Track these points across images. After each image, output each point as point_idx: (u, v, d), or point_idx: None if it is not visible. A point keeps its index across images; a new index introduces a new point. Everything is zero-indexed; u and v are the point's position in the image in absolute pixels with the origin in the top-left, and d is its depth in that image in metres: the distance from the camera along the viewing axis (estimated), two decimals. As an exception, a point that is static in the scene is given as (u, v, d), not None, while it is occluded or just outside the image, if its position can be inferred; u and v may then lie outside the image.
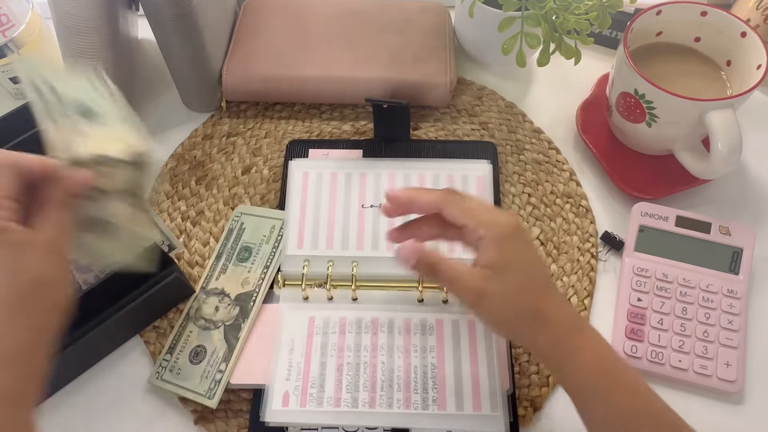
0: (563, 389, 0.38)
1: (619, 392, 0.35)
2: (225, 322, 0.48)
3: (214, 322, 0.48)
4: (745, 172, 0.58)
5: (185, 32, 0.54)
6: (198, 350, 0.47)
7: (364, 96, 0.57)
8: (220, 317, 0.48)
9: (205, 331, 0.48)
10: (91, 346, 0.47)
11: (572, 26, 0.49)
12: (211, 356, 0.47)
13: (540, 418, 0.46)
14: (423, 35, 0.62)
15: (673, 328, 0.48)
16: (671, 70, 0.54)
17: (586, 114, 0.60)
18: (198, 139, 0.61)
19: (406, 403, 0.44)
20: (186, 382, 0.46)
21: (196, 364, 0.47)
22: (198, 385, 0.46)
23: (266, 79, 0.60)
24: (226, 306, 0.49)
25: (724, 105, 0.47)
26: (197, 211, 0.56)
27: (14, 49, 0.57)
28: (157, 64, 0.65)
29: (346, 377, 0.45)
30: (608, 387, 0.35)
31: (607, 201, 0.57)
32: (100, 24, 0.52)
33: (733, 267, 0.51)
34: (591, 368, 0.36)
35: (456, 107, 0.62)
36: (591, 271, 0.52)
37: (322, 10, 0.64)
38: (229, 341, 0.47)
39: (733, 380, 0.46)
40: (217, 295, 0.50)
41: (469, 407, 0.44)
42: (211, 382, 0.46)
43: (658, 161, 0.56)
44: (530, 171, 0.58)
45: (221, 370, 0.46)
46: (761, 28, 0.59)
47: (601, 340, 0.37)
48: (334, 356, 0.46)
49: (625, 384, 0.36)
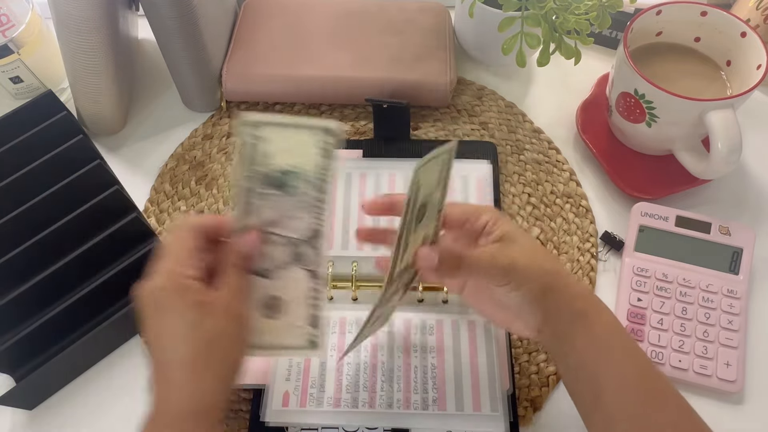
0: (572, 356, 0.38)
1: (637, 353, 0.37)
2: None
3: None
4: (745, 172, 0.58)
5: (185, 32, 0.54)
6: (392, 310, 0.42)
7: (364, 96, 0.57)
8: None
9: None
10: (91, 346, 0.47)
11: (572, 26, 0.49)
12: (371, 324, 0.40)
13: (540, 418, 0.46)
14: (423, 35, 0.62)
15: (673, 328, 0.48)
16: (671, 70, 0.54)
17: (586, 114, 0.60)
18: (198, 139, 0.61)
19: (406, 404, 0.44)
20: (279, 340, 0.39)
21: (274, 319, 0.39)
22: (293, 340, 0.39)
23: (266, 79, 0.60)
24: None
25: (724, 105, 0.47)
26: (197, 211, 0.56)
27: (14, 49, 0.57)
28: (157, 64, 0.65)
29: (346, 377, 0.45)
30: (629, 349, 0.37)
31: (607, 201, 0.57)
32: (100, 24, 0.52)
33: (733, 267, 0.51)
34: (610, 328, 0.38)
35: (456, 107, 0.62)
36: (591, 271, 0.52)
37: (322, 10, 0.64)
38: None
39: (733, 380, 0.46)
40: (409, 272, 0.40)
41: (469, 407, 0.44)
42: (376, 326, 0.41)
43: (658, 161, 0.56)
44: (530, 171, 0.58)
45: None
46: (761, 28, 0.59)
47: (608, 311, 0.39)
48: (334, 356, 0.46)
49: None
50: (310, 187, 0.37)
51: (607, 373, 0.36)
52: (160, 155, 0.60)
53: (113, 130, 0.61)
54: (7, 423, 0.47)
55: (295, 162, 0.36)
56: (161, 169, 0.59)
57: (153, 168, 0.59)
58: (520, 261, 0.38)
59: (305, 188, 0.36)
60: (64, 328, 0.47)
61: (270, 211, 0.37)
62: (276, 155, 0.36)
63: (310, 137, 0.36)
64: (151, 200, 0.57)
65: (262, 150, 0.36)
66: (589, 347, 0.37)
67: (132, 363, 0.49)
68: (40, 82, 0.61)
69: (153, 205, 0.56)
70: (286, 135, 0.36)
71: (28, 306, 0.46)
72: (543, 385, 0.47)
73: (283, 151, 0.36)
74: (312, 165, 0.36)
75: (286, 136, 0.36)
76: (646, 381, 0.36)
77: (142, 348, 0.49)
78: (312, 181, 0.36)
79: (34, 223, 0.46)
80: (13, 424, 0.47)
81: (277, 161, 0.36)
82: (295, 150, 0.36)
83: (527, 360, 0.48)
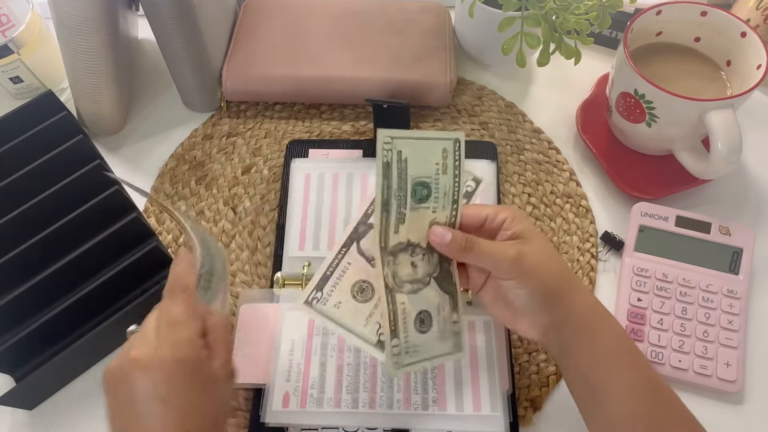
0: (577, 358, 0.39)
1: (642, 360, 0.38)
2: (432, 275, 0.41)
3: (420, 279, 0.41)
4: (745, 172, 0.58)
5: (185, 32, 0.54)
6: (422, 317, 0.41)
7: (364, 96, 0.57)
8: (423, 272, 0.41)
9: (416, 294, 0.41)
10: (91, 346, 0.47)
11: (572, 26, 0.49)
12: (439, 315, 0.41)
13: (540, 418, 0.46)
14: (423, 35, 0.62)
15: (673, 328, 0.48)
16: (671, 70, 0.54)
17: (586, 114, 0.60)
18: (198, 139, 0.61)
19: (406, 404, 0.44)
20: (428, 352, 0.41)
21: (425, 332, 0.41)
22: (441, 347, 0.41)
23: (266, 79, 0.60)
24: (422, 257, 0.41)
25: (724, 105, 0.47)
26: (197, 211, 0.56)
27: (14, 49, 0.57)
28: (157, 64, 0.65)
29: (346, 378, 0.45)
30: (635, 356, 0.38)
31: (607, 201, 0.57)
32: (100, 24, 0.52)
33: (733, 267, 0.51)
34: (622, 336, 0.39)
35: (456, 107, 0.62)
36: (591, 271, 0.53)
37: (322, 10, 0.64)
38: (447, 290, 0.42)
39: (733, 380, 0.46)
40: (405, 251, 0.41)
41: (469, 407, 0.44)
42: (452, 336, 0.42)
43: (658, 161, 0.56)
44: (530, 171, 0.58)
45: (456, 320, 0.42)
46: (761, 28, 0.59)
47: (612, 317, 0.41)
48: (334, 357, 0.46)
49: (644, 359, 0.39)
50: (445, 199, 0.40)
51: (611, 385, 0.37)
52: (160, 155, 0.60)
53: (113, 130, 0.61)
54: (7, 423, 0.47)
55: (429, 173, 0.39)
56: (161, 169, 0.59)
57: (153, 168, 0.59)
58: (530, 258, 0.38)
59: (443, 201, 0.40)
60: (64, 328, 0.47)
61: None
62: (414, 168, 0.39)
63: (438, 148, 0.39)
64: (151, 200, 0.57)
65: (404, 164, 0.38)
66: (593, 361, 0.38)
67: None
68: (40, 82, 0.61)
69: (153, 205, 0.56)
70: (419, 147, 0.38)
71: (28, 306, 0.46)
72: (543, 385, 0.47)
73: (419, 163, 0.39)
74: (446, 177, 0.40)
75: (418, 148, 0.38)
76: (651, 392, 0.37)
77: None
78: (447, 192, 0.40)
79: (34, 223, 0.46)
80: (13, 424, 0.47)
81: (416, 173, 0.39)
82: (427, 162, 0.39)
83: (527, 360, 0.48)
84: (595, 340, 0.38)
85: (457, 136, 0.39)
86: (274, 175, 0.58)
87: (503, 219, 0.40)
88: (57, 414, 0.47)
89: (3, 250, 0.45)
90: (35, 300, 0.46)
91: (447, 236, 0.39)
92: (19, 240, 0.45)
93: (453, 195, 0.40)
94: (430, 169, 0.39)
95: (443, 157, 0.39)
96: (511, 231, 0.40)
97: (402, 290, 0.40)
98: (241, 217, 0.56)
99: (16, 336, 0.43)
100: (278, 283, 0.49)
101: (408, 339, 0.40)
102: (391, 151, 0.37)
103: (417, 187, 0.39)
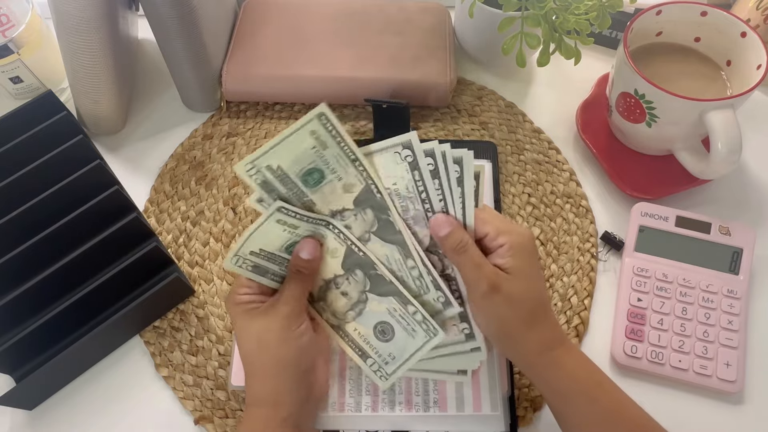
0: (541, 391, 0.40)
1: (603, 394, 0.38)
2: (370, 231, 0.41)
3: (358, 300, 0.42)
4: (745, 172, 0.58)
5: (185, 32, 0.54)
6: (381, 328, 0.42)
7: (364, 96, 0.57)
8: (355, 295, 0.42)
9: (362, 314, 0.42)
10: (91, 346, 0.47)
11: (572, 26, 0.49)
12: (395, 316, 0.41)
13: (539, 419, 0.46)
14: (423, 35, 0.62)
15: (673, 328, 0.48)
16: (671, 70, 0.54)
17: (586, 114, 0.60)
18: (198, 139, 0.61)
19: (408, 406, 0.44)
20: (406, 352, 0.41)
21: (391, 338, 0.41)
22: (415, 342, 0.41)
23: (266, 79, 0.60)
24: (350, 282, 0.42)
25: (724, 105, 0.47)
26: (197, 211, 0.56)
27: (14, 49, 0.57)
28: (157, 64, 0.65)
29: (349, 382, 0.45)
30: (593, 388, 0.38)
31: (607, 201, 0.57)
32: (100, 24, 0.52)
33: (733, 267, 0.51)
34: (577, 372, 0.39)
35: (456, 107, 0.62)
36: (591, 271, 0.53)
37: (322, 11, 0.64)
38: (390, 239, 0.41)
39: (733, 380, 0.46)
40: (329, 288, 0.42)
41: (470, 408, 0.44)
42: (418, 326, 0.41)
43: (658, 161, 0.56)
44: (530, 171, 0.58)
45: (413, 266, 0.41)
46: (761, 28, 0.59)
47: (581, 352, 0.40)
48: (336, 361, 0.46)
49: (608, 387, 0.39)
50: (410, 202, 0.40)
51: (570, 418, 0.39)
52: (160, 155, 0.60)
53: (113, 130, 0.61)
54: (7, 423, 0.47)
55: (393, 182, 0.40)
56: (161, 169, 0.59)
57: (153, 168, 0.59)
58: (503, 298, 0.38)
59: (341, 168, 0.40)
60: (64, 328, 0.47)
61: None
62: (291, 167, 0.39)
63: (305, 135, 0.38)
64: (151, 200, 0.57)
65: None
66: (552, 396, 0.39)
67: (132, 363, 0.49)
68: (40, 82, 0.61)
69: (153, 205, 0.56)
70: (283, 149, 0.38)
71: (28, 306, 0.46)
72: (543, 385, 0.47)
73: (292, 160, 0.38)
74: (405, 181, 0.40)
75: (283, 150, 0.38)
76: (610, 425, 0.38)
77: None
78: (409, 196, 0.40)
79: (34, 223, 0.46)
80: (13, 424, 0.47)
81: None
82: (300, 153, 0.38)
83: (527, 360, 0.48)
84: (551, 383, 0.39)
85: (319, 111, 0.37)
86: (274, 175, 0.58)
87: (501, 244, 0.39)
88: (57, 414, 0.47)
89: (3, 250, 0.45)
90: (35, 300, 0.46)
91: (443, 231, 0.39)
92: (19, 240, 0.45)
93: (348, 156, 0.39)
94: (308, 155, 0.38)
95: (315, 137, 0.38)
96: (502, 261, 0.38)
97: (347, 320, 0.43)
98: (241, 217, 0.56)
99: (16, 336, 0.43)
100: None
101: (379, 352, 0.42)
102: (260, 172, 0.38)
103: (305, 177, 0.39)
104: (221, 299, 0.52)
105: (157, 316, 0.50)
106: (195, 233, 0.55)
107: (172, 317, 0.50)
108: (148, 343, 0.49)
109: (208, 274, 0.53)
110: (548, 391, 0.39)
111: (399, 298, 0.41)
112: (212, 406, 0.47)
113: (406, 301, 0.41)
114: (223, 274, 0.53)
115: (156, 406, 0.47)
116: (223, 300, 0.52)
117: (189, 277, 0.52)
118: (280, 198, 0.39)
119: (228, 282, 0.52)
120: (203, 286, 0.52)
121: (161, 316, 0.50)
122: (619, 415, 0.38)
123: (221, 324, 0.50)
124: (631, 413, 0.38)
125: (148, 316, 0.50)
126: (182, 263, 0.53)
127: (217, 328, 0.50)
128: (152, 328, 0.50)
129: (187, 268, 0.53)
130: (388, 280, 0.41)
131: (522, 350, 0.39)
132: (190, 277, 0.52)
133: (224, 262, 0.40)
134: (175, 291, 0.50)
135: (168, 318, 0.50)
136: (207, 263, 0.53)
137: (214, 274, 0.53)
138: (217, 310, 0.51)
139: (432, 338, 0.41)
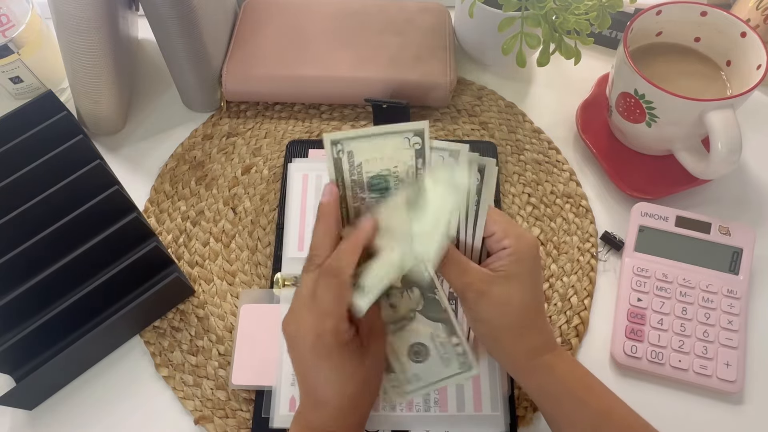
0: (530, 395, 0.40)
1: (593, 396, 0.39)
2: (415, 309, 0.41)
3: (403, 316, 0.41)
4: (745, 172, 0.58)
5: (185, 32, 0.54)
6: (416, 349, 0.41)
7: (364, 96, 0.58)
8: (405, 309, 0.41)
9: (402, 330, 0.41)
10: (91, 346, 0.47)
11: (572, 26, 0.49)
12: (434, 341, 0.41)
13: (539, 419, 0.46)
14: (423, 35, 0.62)
15: (673, 328, 0.48)
16: (671, 70, 0.54)
17: (586, 114, 0.60)
18: (198, 139, 0.61)
19: (409, 405, 0.44)
20: (432, 377, 0.41)
21: (423, 361, 0.41)
22: (446, 370, 0.41)
23: (266, 79, 0.60)
24: (401, 296, 0.41)
25: (724, 105, 0.47)
26: (197, 211, 0.56)
27: (14, 49, 0.57)
28: (157, 64, 0.65)
29: None
30: (583, 391, 0.38)
31: (607, 201, 0.57)
32: (100, 24, 0.52)
33: (733, 267, 0.51)
34: (566, 376, 0.39)
35: (456, 107, 0.62)
36: (591, 271, 0.53)
37: (322, 10, 0.64)
38: (436, 318, 0.41)
39: (733, 380, 0.46)
40: (382, 296, 0.40)
41: (470, 408, 0.44)
42: (456, 358, 0.41)
43: (658, 161, 0.56)
44: (530, 171, 0.58)
45: (456, 343, 0.40)
46: (761, 28, 0.59)
47: (572, 357, 0.41)
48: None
49: (598, 390, 0.39)
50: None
51: (559, 421, 0.39)
52: (160, 155, 0.60)
53: (113, 130, 0.61)
54: (7, 423, 0.47)
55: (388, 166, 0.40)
56: (161, 169, 0.59)
57: (153, 168, 0.59)
58: (492, 304, 0.37)
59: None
60: (64, 328, 0.47)
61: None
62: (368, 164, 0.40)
63: (400, 141, 0.39)
64: (151, 200, 0.57)
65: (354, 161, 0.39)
66: (542, 400, 0.39)
67: (132, 363, 0.49)
68: (40, 82, 0.61)
69: (153, 205, 0.56)
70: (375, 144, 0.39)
71: (27, 306, 0.46)
72: (543, 385, 0.47)
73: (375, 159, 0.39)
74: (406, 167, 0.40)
75: (375, 145, 0.39)
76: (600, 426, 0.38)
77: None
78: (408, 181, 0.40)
79: (34, 223, 0.46)
80: (13, 424, 0.47)
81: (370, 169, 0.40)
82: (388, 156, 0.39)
83: (527, 360, 0.48)
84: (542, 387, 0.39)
85: (420, 128, 0.39)
86: (274, 175, 0.58)
87: (505, 247, 0.38)
88: (57, 414, 0.47)
89: (3, 250, 0.45)
90: (35, 300, 0.46)
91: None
92: (19, 240, 0.45)
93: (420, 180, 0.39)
94: (388, 161, 0.40)
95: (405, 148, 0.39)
96: (501, 263, 0.38)
97: (387, 330, 0.41)
98: (241, 217, 0.56)
99: (16, 336, 0.43)
100: (278, 284, 0.49)
101: (405, 370, 0.41)
102: (342, 151, 0.39)
103: (373, 179, 0.40)
104: (221, 299, 0.52)
105: (157, 316, 0.50)
106: (195, 233, 0.55)
107: (172, 317, 0.50)
108: (148, 343, 0.49)
109: (208, 274, 0.53)
110: (538, 394, 0.39)
111: (447, 327, 0.40)
112: (212, 406, 0.47)
113: (452, 332, 0.40)
114: (223, 274, 0.53)
115: (156, 406, 0.47)
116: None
117: (189, 277, 0.52)
118: (340, 181, 0.40)
119: (228, 282, 0.52)
120: (203, 286, 0.52)
121: (161, 316, 0.50)
122: (608, 417, 0.38)
123: (221, 324, 0.50)
124: (621, 415, 0.38)
125: (148, 316, 0.50)
126: (182, 263, 0.53)
127: (217, 328, 0.50)
128: (152, 328, 0.50)
129: (187, 268, 0.53)
130: (443, 308, 0.40)
131: (510, 354, 0.39)
132: (190, 277, 0.52)
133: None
134: (175, 291, 0.50)
135: (168, 318, 0.50)
136: (207, 263, 0.53)
137: (214, 274, 0.53)
138: (217, 310, 0.51)
139: (465, 371, 0.41)
